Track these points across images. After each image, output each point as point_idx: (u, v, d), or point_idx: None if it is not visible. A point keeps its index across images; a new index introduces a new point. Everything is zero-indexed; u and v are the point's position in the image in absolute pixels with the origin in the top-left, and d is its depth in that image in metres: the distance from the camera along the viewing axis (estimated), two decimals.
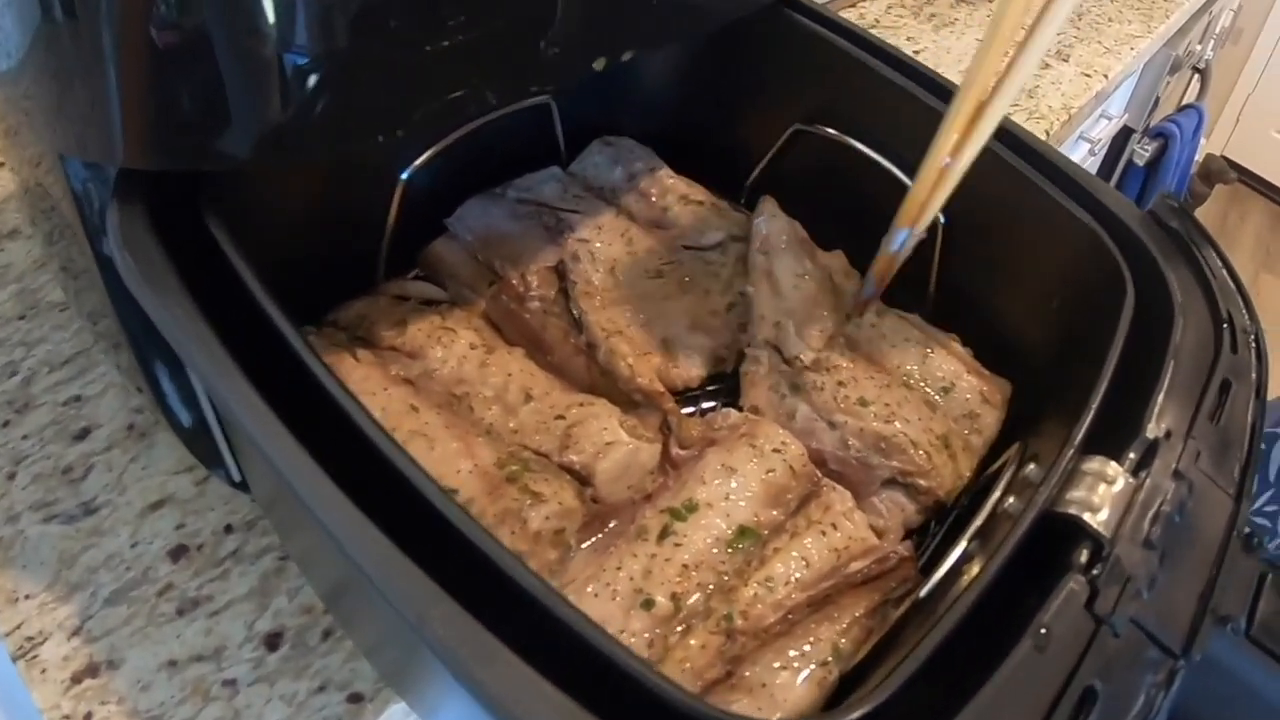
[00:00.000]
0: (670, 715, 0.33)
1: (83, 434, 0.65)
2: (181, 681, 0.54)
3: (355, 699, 0.54)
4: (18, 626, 0.55)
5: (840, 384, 0.61)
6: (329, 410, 0.39)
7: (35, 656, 0.54)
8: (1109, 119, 1.55)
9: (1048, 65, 1.24)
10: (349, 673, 0.55)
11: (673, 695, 0.33)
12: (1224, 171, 1.44)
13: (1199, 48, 1.82)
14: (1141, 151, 1.76)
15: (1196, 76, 1.92)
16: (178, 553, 0.59)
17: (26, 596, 0.56)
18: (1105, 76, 1.25)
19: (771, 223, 0.69)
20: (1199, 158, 1.87)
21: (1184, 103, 1.96)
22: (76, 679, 0.53)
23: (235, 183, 0.49)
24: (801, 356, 0.62)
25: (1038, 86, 1.20)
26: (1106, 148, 1.68)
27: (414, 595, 0.33)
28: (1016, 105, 1.16)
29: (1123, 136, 1.73)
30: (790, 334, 0.63)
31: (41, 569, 0.57)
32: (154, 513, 0.61)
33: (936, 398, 0.62)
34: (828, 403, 0.60)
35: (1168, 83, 1.68)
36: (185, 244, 0.42)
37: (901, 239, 0.62)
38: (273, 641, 0.56)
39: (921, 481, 0.58)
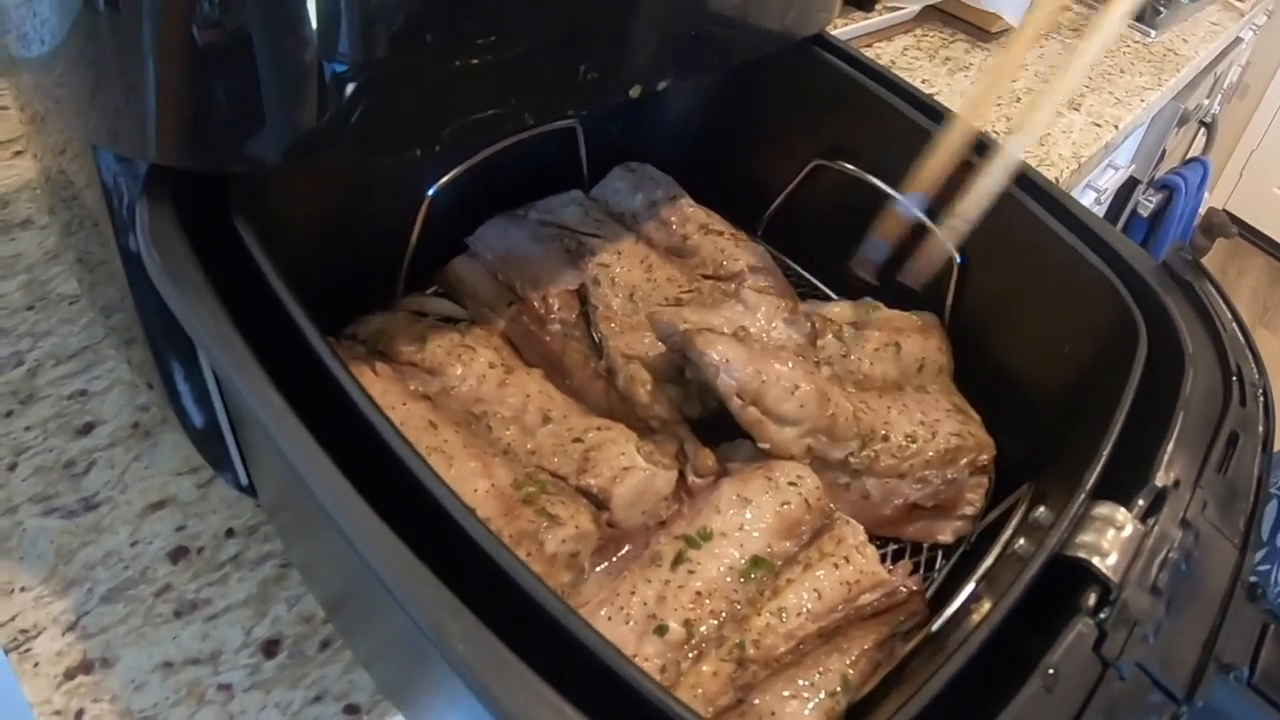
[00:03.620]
0: None
1: (86, 429, 0.64)
2: (176, 684, 0.53)
3: (352, 710, 0.53)
4: (12, 618, 0.54)
5: (885, 439, 0.60)
6: (350, 419, 0.38)
7: (28, 650, 0.53)
8: (1116, 169, 1.57)
9: (1060, 114, 1.26)
10: (347, 684, 0.54)
11: None
12: (1225, 226, 1.45)
13: (1206, 102, 1.85)
14: (1146, 202, 1.77)
15: (1203, 130, 1.94)
16: (177, 554, 0.59)
17: (22, 589, 0.55)
18: (1115, 127, 1.27)
19: (738, 371, 0.57)
20: (1202, 210, 1.89)
21: (1190, 156, 1.98)
22: (69, 675, 0.52)
23: (263, 187, 0.49)
24: (848, 457, 0.60)
25: (1049, 135, 1.21)
26: (1112, 197, 1.69)
27: (433, 607, 0.33)
28: (1027, 152, 1.17)
29: (1128, 187, 1.75)
30: (825, 448, 0.60)
31: (38, 563, 0.57)
32: (155, 513, 0.60)
33: (917, 380, 0.65)
34: (888, 464, 0.60)
35: (1175, 135, 1.70)
36: (211, 244, 0.42)
37: (916, 200, 0.65)
38: (270, 648, 0.55)
39: (984, 457, 0.63)
